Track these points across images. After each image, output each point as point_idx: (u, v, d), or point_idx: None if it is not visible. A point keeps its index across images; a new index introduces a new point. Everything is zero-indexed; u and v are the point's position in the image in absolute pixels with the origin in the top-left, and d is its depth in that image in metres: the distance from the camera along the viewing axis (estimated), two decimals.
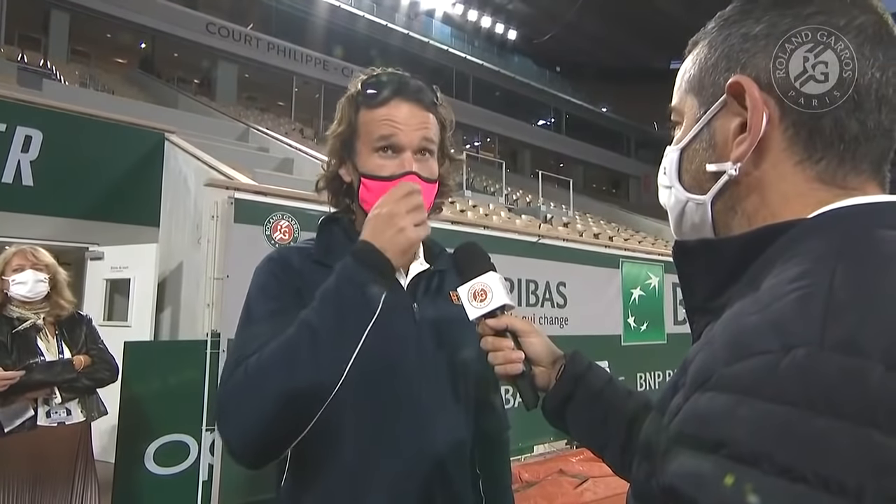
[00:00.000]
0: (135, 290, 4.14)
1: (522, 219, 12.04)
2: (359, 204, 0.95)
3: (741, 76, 0.46)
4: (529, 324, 0.84)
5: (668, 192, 0.55)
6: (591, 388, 0.78)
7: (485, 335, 0.82)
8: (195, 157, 4.25)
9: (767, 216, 0.46)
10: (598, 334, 4.28)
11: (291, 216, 2.82)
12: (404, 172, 0.89)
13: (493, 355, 0.81)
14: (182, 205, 4.04)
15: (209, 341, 2.64)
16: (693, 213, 0.52)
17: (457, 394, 0.94)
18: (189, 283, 3.65)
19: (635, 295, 4.65)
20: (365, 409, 0.86)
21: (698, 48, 0.52)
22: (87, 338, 2.45)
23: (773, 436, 0.31)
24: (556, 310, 4.08)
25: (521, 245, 3.96)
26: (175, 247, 4.01)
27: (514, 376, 0.80)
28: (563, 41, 24.91)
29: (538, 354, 0.81)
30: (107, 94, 12.62)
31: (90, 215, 4.30)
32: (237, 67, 18.29)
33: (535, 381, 0.81)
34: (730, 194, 0.49)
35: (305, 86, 19.87)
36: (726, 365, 0.34)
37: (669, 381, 0.42)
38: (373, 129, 0.91)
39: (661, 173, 0.56)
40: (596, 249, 4.75)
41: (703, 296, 0.47)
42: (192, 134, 6.87)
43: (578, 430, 0.79)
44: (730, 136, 0.48)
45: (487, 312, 0.81)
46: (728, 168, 0.48)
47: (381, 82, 0.93)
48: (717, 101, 0.49)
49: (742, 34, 0.48)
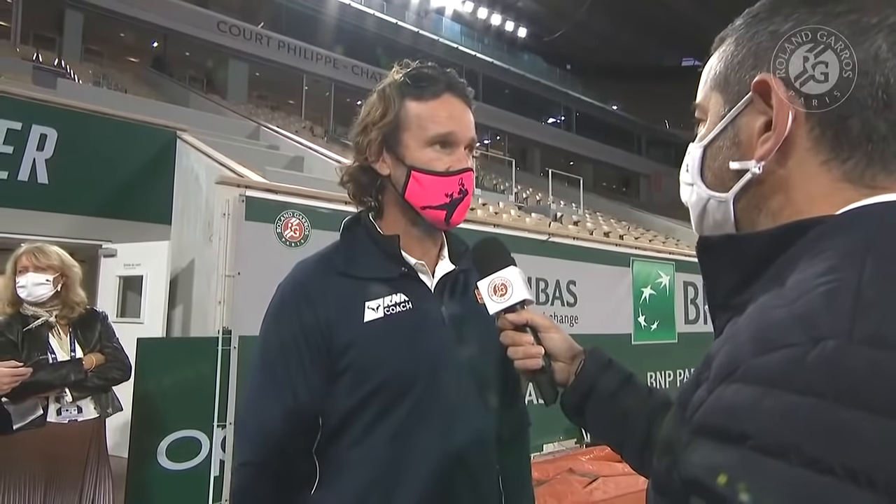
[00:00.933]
0: (147, 287, 4.18)
1: (532, 217, 12.01)
2: (399, 198, 0.93)
3: (768, 74, 0.46)
4: (549, 319, 0.84)
5: (690, 189, 0.54)
6: (611, 385, 0.78)
7: (504, 329, 0.82)
8: (206, 154, 4.27)
9: (793, 214, 0.45)
10: (608, 333, 4.26)
11: (302, 214, 2.83)
12: (462, 169, 0.90)
13: (512, 350, 0.81)
14: (193, 202, 4.07)
15: (220, 338, 2.66)
16: (715, 210, 0.52)
17: (484, 395, 0.93)
18: (200, 280, 3.68)
19: (646, 294, 4.62)
20: (393, 411, 0.87)
21: (725, 45, 0.51)
22: (101, 335, 2.45)
23: (801, 427, 0.30)
24: (567, 308, 4.06)
25: (531, 243, 3.95)
26: (186, 244, 4.03)
27: (533, 371, 0.80)
28: (572, 39, 24.83)
29: (557, 350, 0.81)
30: (119, 92, 12.76)
31: (103, 213, 4.35)
32: (248, 66, 18.40)
33: (555, 377, 0.81)
34: (753, 193, 0.49)
35: (315, 84, 19.95)
36: (753, 357, 0.34)
37: (691, 375, 0.42)
38: (427, 122, 0.90)
39: (684, 170, 0.55)
40: (606, 248, 4.73)
41: (726, 292, 0.46)
42: (203, 132, 6.91)
43: (597, 427, 0.79)
44: (754, 134, 0.47)
45: (507, 307, 0.81)
46: (752, 166, 0.47)
47: (430, 76, 0.92)
48: (742, 98, 0.48)
49: (770, 31, 0.47)
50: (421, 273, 0.95)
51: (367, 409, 0.86)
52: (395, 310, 0.90)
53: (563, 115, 27.54)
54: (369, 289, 0.90)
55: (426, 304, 0.92)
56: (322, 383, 0.88)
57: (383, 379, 0.86)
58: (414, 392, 0.87)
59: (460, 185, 0.91)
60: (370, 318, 0.88)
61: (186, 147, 4.49)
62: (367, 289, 0.90)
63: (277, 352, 0.89)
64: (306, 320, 0.88)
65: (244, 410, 0.92)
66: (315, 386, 0.88)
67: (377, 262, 0.93)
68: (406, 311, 0.90)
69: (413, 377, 0.87)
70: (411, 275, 0.94)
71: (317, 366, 0.88)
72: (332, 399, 0.88)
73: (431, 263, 0.97)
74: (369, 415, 0.86)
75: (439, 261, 0.97)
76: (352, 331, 0.87)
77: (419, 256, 0.95)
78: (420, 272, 0.95)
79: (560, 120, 27.66)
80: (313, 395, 0.88)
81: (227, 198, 2.82)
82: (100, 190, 4.30)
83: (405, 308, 0.90)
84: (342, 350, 0.87)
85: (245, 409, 0.93)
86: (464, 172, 0.90)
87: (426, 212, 0.91)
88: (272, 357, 0.89)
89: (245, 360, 2.61)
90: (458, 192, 0.90)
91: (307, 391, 0.87)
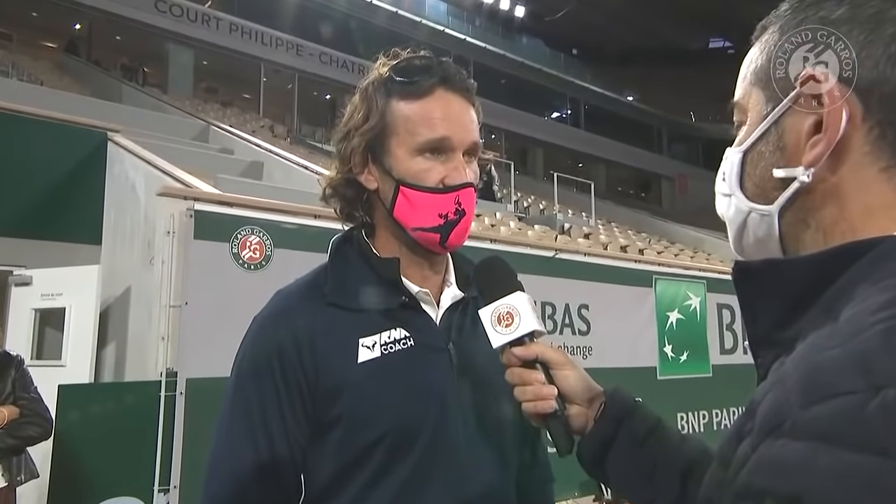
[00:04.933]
0: (71, 321, 4.12)
1: (535, 230, 12.09)
2: (388, 217, 0.93)
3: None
4: (564, 354, 0.84)
5: (728, 200, 0.55)
6: (637, 432, 0.78)
7: (511, 366, 0.82)
8: (145, 160, 4.26)
9: (847, 231, 0.47)
10: (627, 367, 4.28)
11: (263, 231, 2.83)
12: (460, 185, 0.89)
13: (520, 390, 0.81)
14: (130, 218, 4.05)
15: (163, 382, 2.62)
16: (757, 225, 0.53)
17: (500, 448, 0.93)
18: (139, 312, 3.64)
19: (672, 319, 4.65)
20: (398, 467, 0.86)
21: (767, 34, 0.53)
22: (15, 384, 2.42)
23: (859, 489, 0.31)
24: (578, 338, 4.07)
25: (534, 261, 3.97)
26: (121, 269, 4.00)
27: (544, 416, 0.80)
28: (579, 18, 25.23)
29: (573, 390, 0.81)
30: (34, 85, 12.69)
31: (15, 232, 4.30)
32: (193, 53, 18.45)
33: (570, 422, 0.81)
34: (801, 204, 0.49)
35: (276, 75, 20.04)
36: (802, 407, 0.35)
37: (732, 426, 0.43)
38: (415, 125, 0.89)
39: (720, 179, 0.56)
40: (624, 265, 4.77)
41: (769, 326, 0.47)
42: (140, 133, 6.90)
43: (621, 482, 0.79)
44: (802, 136, 0.48)
45: (514, 339, 0.81)
46: (799, 174, 0.48)
47: (419, 67, 0.92)
48: (787, 96, 0.49)
49: (820, 18, 0.48)
50: (424, 303, 0.94)
51: (363, 468, 0.86)
52: (394, 347, 0.89)
53: (570, 109, 27.89)
54: (364, 322, 0.90)
55: (431, 340, 0.92)
56: (306, 436, 0.88)
57: (381, 431, 0.86)
58: (417, 446, 0.87)
59: (457, 205, 0.90)
60: (365, 357, 0.88)
61: (120, 151, 4.48)
62: (361, 322, 0.90)
63: (252, 397, 0.88)
64: (288, 360, 0.87)
65: (209, 468, 0.91)
66: (297, 439, 0.87)
67: (373, 291, 0.92)
68: (407, 348, 0.90)
69: (417, 429, 0.87)
70: (413, 305, 0.93)
71: (299, 415, 0.87)
72: (319, 455, 0.88)
73: (436, 291, 0.96)
74: (365, 475, 0.86)
75: (445, 287, 0.97)
76: (343, 373, 0.87)
77: (421, 283, 0.94)
78: (423, 302, 0.94)
79: (566, 114, 28.01)
80: (294, 450, 0.87)
81: (172, 212, 2.81)
82: (10, 204, 4.26)
83: (406, 345, 0.90)
84: (331, 396, 0.87)
85: (211, 466, 0.92)
86: (461, 189, 0.90)
87: (417, 234, 0.91)
88: (245, 403, 0.89)
89: (193, 407, 2.58)
90: (453, 213, 0.90)
91: (287, 446, 0.86)
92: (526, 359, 0.81)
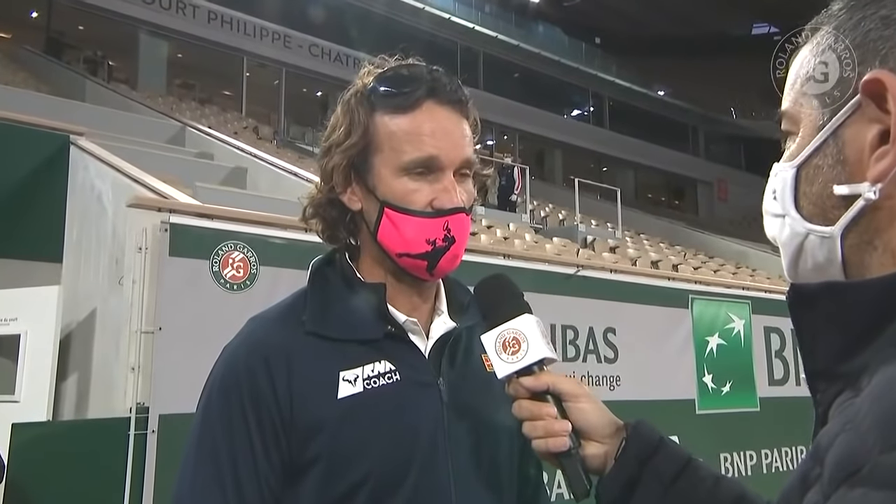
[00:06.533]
0: (26, 350, 4.12)
1: (554, 242, 12.10)
2: (373, 240, 0.95)
3: (881, 71, 0.48)
4: (578, 384, 0.85)
5: (781, 222, 0.56)
6: (664, 473, 0.78)
7: (518, 398, 0.83)
8: (112, 166, 4.29)
9: None
10: (662, 399, 4.24)
11: (247, 246, 2.84)
12: (451, 209, 0.91)
13: (529, 426, 0.81)
14: (95, 233, 4.07)
15: (133, 419, 2.62)
16: (816, 249, 0.53)
17: (496, 491, 0.94)
18: (105, 338, 3.65)
19: (712, 344, 4.63)
20: None
21: (820, 35, 0.53)
22: None
23: None
24: (604, 366, 4.05)
25: (553, 279, 3.97)
26: (85, 289, 4.02)
27: (557, 454, 0.80)
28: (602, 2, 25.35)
29: (590, 425, 0.82)
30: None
31: None
32: (167, 44, 18.65)
33: (587, 462, 0.82)
34: (867, 224, 0.50)
35: (260, 69, 20.23)
36: (882, 452, 0.35)
37: (795, 472, 0.43)
38: (400, 142, 0.92)
39: (769, 197, 0.57)
40: (656, 283, 4.75)
41: (830, 357, 0.47)
42: (107, 136, 6.96)
43: None
44: (866, 148, 0.49)
45: (521, 369, 0.82)
46: (864, 190, 0.49)
47: (406, 77, 0.94)
48: (847, 103, 0.50)
49: (881, 17, 0.49)
50: (412, 333, 0.96)
51: None
52: (378, 382, 0.91)
53: (592, 106, 27.99)
54: (345, 354, 0.92)
55: (419, 375, 0.94)
56: (280, 479, 0.89)
57: (362, 475, 0.87)
58: (403, 491, 0.88)
59: (446, 231, 0.91)
60: (346, 392, 0.90)
61: (84, 156, 4.51)
62: (342, 354, 0.92)
63: (220, 434, 0.89)
64: (261, 394, 0.89)
65: None
66: (270, 483, 0.88)
67: (356, 319, 0.94)
68: (392, 383, 0.92)
69: (402, 471, 0.88)
70: (400, 335, 0.95)
71: (273, 456, 0.88)
72: (295, 501, 0.89)
73: (425, 320, 0.98)
74: None
75: (435, 317, 0.99)
76: (322, 410, 0.89)
77: (409, 311, 0.97)
78: (411, 332, 0.96)
79: (588, 112, 28.11)
80: (266, 495, 0.88)
81: (144, 226, 2.83)
82: None
83: (391, 380, 0.92)
84: (308, 435, 0.88)
85: None
86: (452, 214, 0.91)
87: (403, 260, 0.93)
88: (213, 443, 0.90)
89: (168, 447, 2.58)
90: (442, 240, 0.91)
91: (258, 491, 0.88)
92: (535, 390, 0.82)
